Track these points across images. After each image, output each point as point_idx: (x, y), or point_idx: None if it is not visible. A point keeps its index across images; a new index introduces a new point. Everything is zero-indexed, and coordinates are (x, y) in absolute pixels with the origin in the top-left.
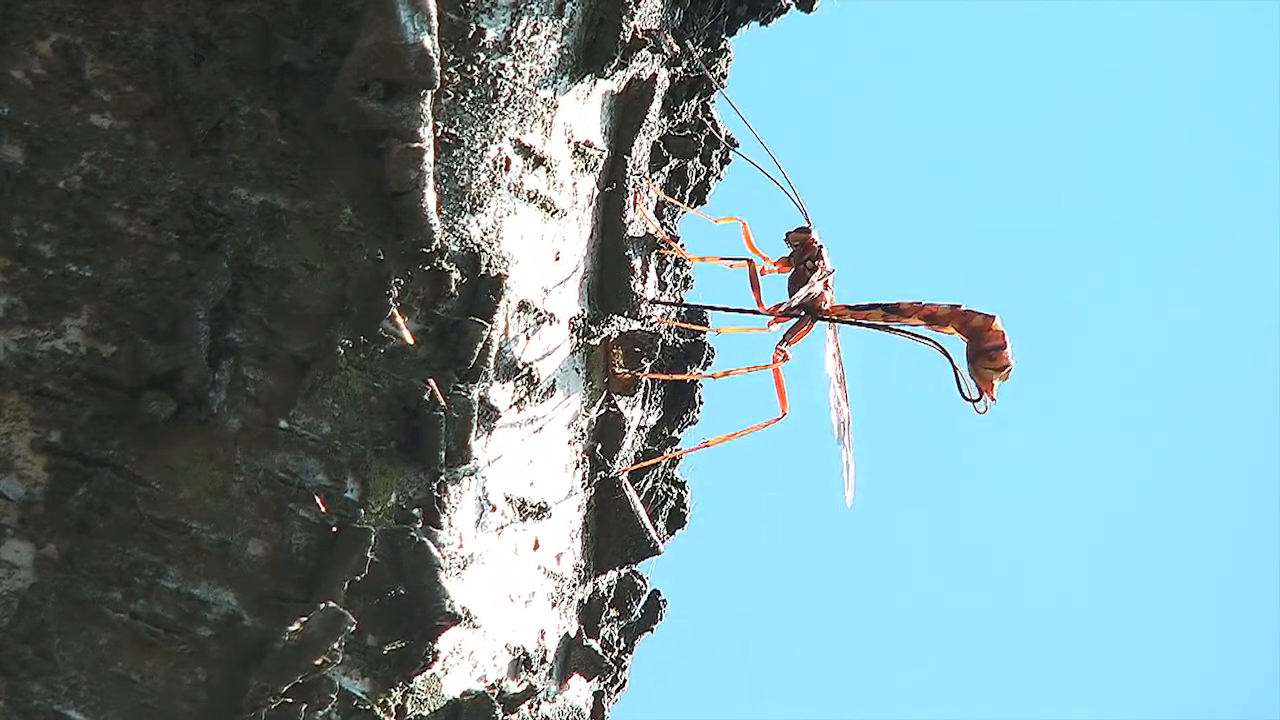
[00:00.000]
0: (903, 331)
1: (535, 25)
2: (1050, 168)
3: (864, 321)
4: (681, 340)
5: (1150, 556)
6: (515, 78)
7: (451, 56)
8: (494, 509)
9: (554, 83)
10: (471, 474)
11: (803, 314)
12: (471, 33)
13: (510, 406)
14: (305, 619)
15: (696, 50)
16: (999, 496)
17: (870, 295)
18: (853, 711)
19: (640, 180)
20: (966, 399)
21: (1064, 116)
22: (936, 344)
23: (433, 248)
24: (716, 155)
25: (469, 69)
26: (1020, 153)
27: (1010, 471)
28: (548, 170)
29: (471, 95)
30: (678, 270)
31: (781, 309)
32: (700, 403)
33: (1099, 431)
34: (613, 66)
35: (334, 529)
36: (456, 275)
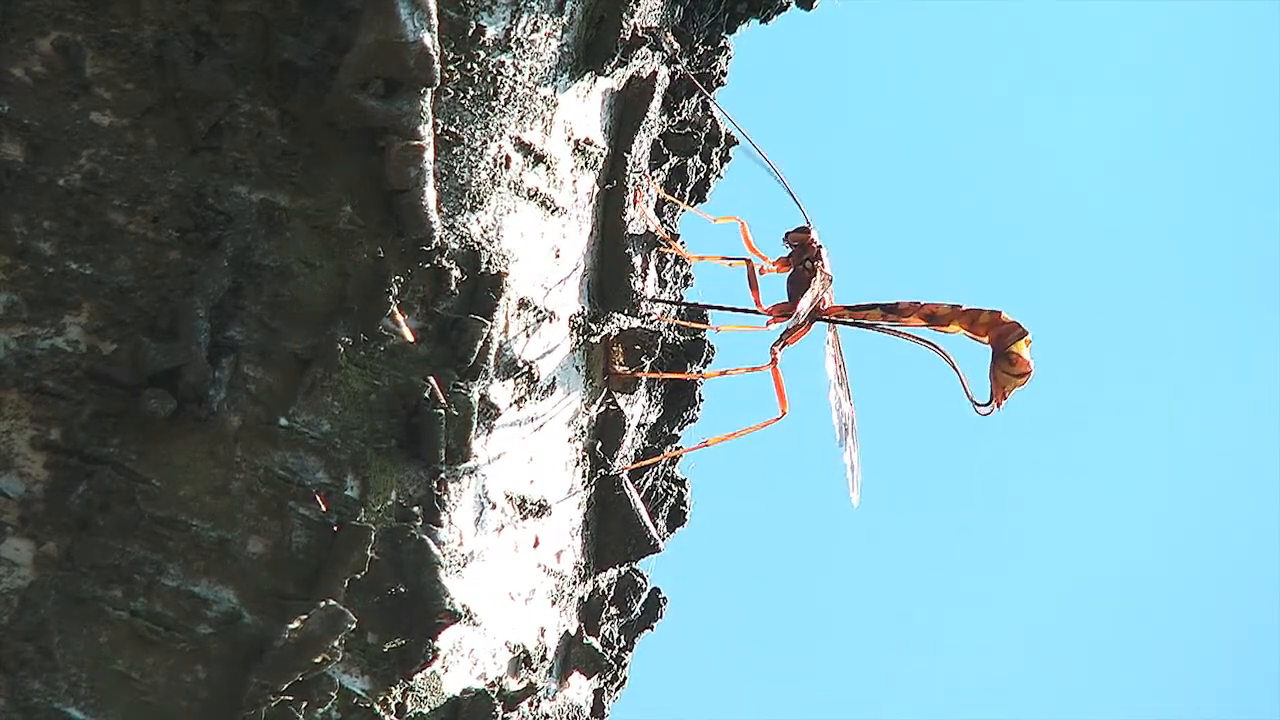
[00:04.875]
0: (901, 333)
1: (535, 23)
2: (1055, 167)
3: (863, 322)
4: (682, 338)
5: (1155, 557)
6: (515, 75)
7: (451, 54)
8: (494, 507)
9: (554, 80)
10: (471, 472)
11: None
12: (471, 30)
13: (510, 404)
14: (305, 617)
15: (697, 48)
16: (1003, 496)
17: (870, 296)
18: (853, 711)
19: (640, 178)
20: (972, 401)
21: (1069, 116)
22: (935, 346)
23: (433, 245)
24: (716, 153)
25: (469, 66)
26: (1024, 152)
27: (1016, 471)
28: (548, 168)
29: (471, 93)
30: (678, 268)
31: (789, 319)
32: (700, 400)
33: (1104, 431)
34: (613, 64)
35: (334, 527)
36: (456, 273)
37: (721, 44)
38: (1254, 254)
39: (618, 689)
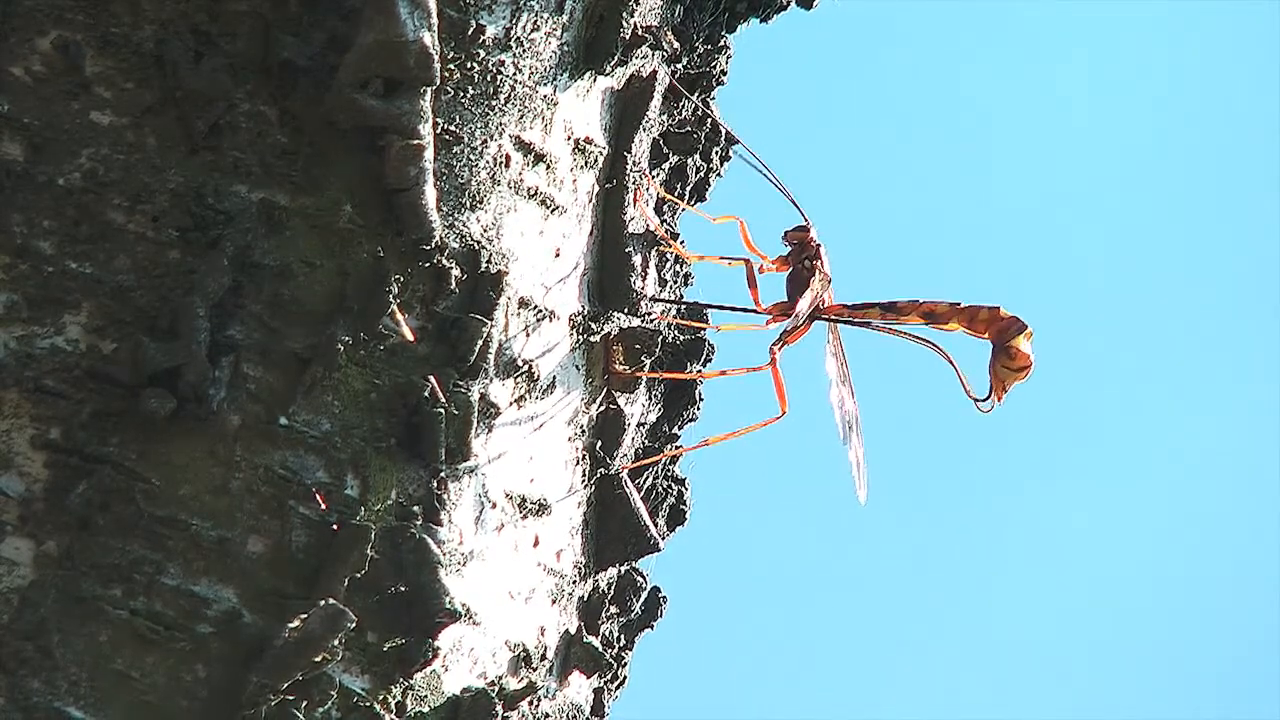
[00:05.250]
0: (900, 333)
1: (535, 22)
2: (1054, 165)
3: (861, 321)
4: (681, 337)
5: (1157, 557)
6: (515, 74)
7: (451, 53)
8: (494, 506)
9: (554, 79)
10: (471, 471)
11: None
12: (471, 29)
13: (510, 403)
14: (305, 616)
15: (697, 47)
16: (1008, 495)
17: (869, 294)
18: (854, 711)
19: (640, 177)
20: (971, 398)
21: (1069, 116)
22: (933, 344)
23: (433, 244)
24: (716, 152)
25: (469, 66)
26: (1023, 152)
27: (1020, 470)
28: (548, 167)
29: (471, 92)
30: (678, 267)
31: (788, 318)
32: (700, 400)
33: (1107, 430)
34: (613, 63)
35: (334, 526)
36: (456, 272)
37: (721, 43)
38: (1257, 253)
39: (618, 688)
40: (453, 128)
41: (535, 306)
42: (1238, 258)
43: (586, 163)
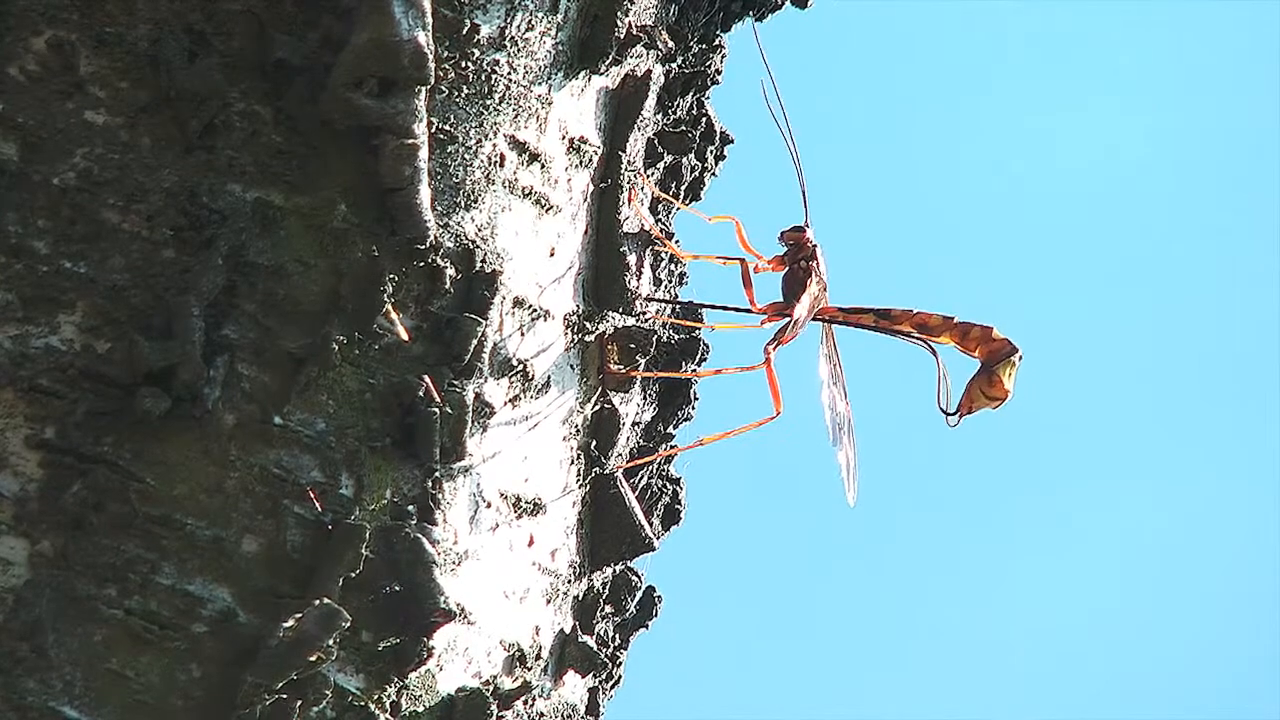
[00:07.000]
0: (896, 333)
1: (530, 21)
2: (1050, 162)
3: (855, 324)
4: (676, 337)
5: (1154, 560)
6: (510, 74)
7: (446, 52)
8: (489, 505)
9: (548, 79)
10: (466, 470)
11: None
12: (466, 29)
13: (505, 403)
14: (300, 615)
15: (692, 46)
16: (1000, 497)
17: (861, 297)
18: (850, 710)
19: (635, 176)
20: (941, 409)
21: (1065, 111)
22: (929, 346)
23: (427, 244)
24: (711, 151)
25: (463, 65)
26: (1021, 149)
27: (1013, 472)
28: (542, 166)
29: (466, 91)
30: (673, 266)
31: (783, 317)
32: (695, 399)
33: (1103, 435)
34: (607, 62)
35: (329, 525)
36: (451, 271)
37: (716, 42)
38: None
39: (613, 687)
40: (447, 127)
41: (530, 306)
42: (1239, 254)
43: (581, 162)
